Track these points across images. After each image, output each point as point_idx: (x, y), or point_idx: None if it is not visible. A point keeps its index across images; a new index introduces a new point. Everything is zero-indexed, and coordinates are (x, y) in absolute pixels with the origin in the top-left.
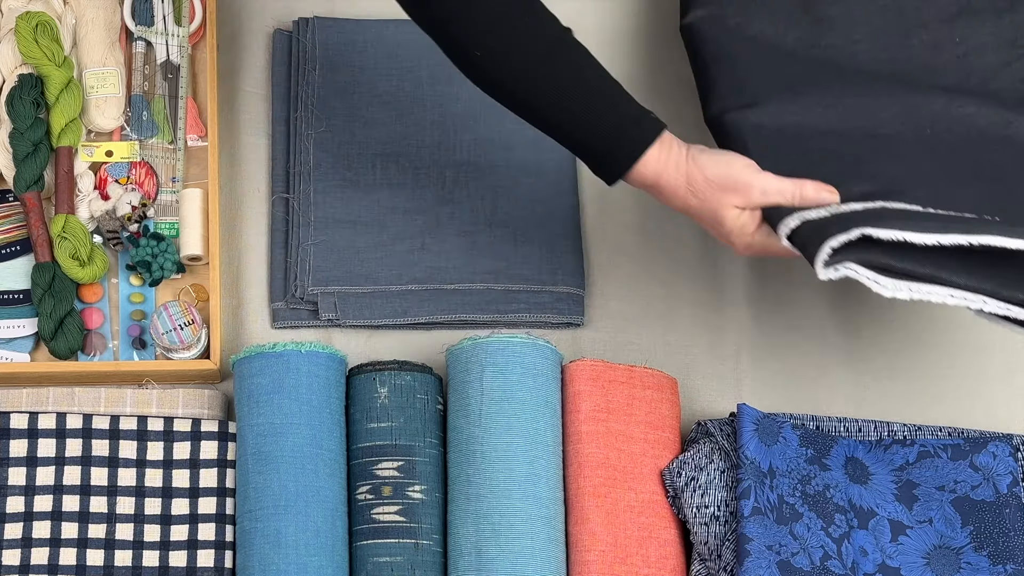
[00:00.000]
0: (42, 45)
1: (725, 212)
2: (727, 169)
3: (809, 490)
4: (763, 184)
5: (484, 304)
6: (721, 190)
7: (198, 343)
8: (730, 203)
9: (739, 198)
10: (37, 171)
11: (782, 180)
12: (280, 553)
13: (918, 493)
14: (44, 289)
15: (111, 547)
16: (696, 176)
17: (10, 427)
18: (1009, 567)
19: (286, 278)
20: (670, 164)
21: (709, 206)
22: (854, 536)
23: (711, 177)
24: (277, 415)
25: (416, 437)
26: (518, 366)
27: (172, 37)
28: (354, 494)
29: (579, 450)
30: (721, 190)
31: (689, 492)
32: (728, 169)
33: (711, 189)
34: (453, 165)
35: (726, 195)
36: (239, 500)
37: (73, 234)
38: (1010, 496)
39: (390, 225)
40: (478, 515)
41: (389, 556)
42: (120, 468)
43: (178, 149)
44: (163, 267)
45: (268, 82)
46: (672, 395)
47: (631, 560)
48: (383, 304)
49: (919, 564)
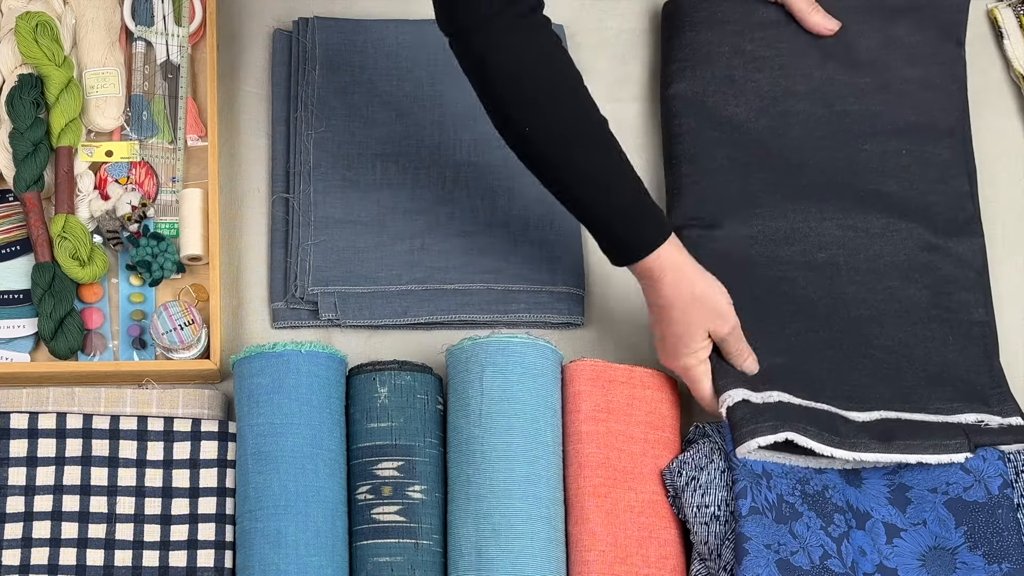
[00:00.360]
0: (42, 45)
1: (698, 332)
2: (714, 294)
3: (809, 490)
4: (736, 321)
5: (484, 304)
6: (703, 309)
7: (198, 343)
8: (707, 326)
9: (716, 324)
10: (37, 171)
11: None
12: (280, 553)
13: (911, 496)
14: (44, 289)
15: (111, 547)
16: (684, 288)
17: (10, 427)
18: (1004, 566)
19: (286, 278)
20: (675, 263)
21: (687, 318)
22: (853, 536)
23: (698, 294)
24: (277, 415)
25: (416, 437)
26: (518, 366)
27: (172, 37)
28: (354, 494)
29: (579, 450)
30: (703, 309)
31: (689, 492)
32: (715, 293)
33: (695, 304)
34: (453, 165)
35: (707, 316)
36: (239, 500)
37: (73, 234)
38: (1002, 497)
39: (390, 225)
40: (478, 515)
41: (389, 556)
42: (120, 468)
43: (178, 149)
44: (163, 267)
45: (268, 82)
46: (672, 395)
47: (631, 560)
48: (383, 304)
49: (915, 565)
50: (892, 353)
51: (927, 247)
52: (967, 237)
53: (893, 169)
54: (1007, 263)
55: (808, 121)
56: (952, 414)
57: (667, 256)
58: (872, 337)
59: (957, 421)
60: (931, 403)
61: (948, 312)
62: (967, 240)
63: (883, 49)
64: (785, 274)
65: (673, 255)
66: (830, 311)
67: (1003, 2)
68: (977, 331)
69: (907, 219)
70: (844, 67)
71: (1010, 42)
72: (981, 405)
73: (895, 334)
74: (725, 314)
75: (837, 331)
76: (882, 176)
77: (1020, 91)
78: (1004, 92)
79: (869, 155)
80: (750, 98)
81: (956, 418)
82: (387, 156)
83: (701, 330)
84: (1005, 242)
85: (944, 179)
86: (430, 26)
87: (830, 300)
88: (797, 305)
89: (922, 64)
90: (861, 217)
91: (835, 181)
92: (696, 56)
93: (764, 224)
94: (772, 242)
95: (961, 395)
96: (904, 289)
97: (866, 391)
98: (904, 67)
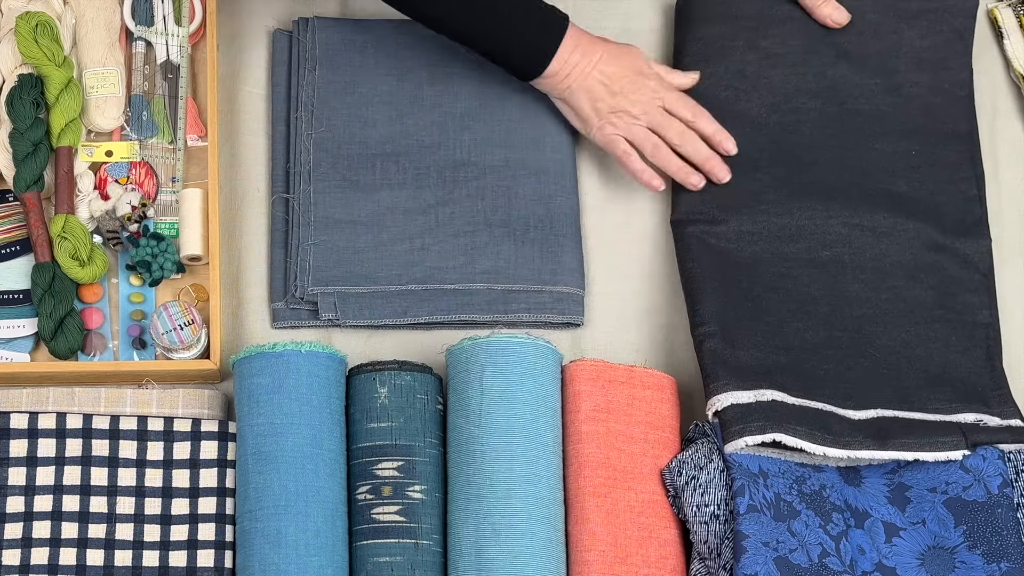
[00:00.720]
0: (42, 45)
1: (621, 91)
2: (628, 49)
3: (806, 489)
4: (658, 74)
5: (484, 304)
6: (619, 62)
7: (198, 343)
8: (628, 83)
9: (636, 79)
10: (37, 171)
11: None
12: (280, 553)
13: (910, 495)
14: (44, 289)
15: (111, 547)
16: (596, 52)
17: (10, 427)
18: (1003, 565)
19: (286, 278)
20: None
21: (625, 62)
22: (852, 535)
23: (614, 51)
24: (277, 415)
25: (416, 437)
26: (518, 366)
27: (172, 37)
28: (354, 494)
29: (579, 450)
30: (619, 62)
31: (689, 491)
32: (629, 49)
33: (611, 60)
34: (453, 165)
35: (629, 65)
36: (239, 500)
37: (73, 234)
38: (1001, 496)
39: (390, 225)
40: (478, 515)
41: (389, 556)
42: (120, 468)
43: (178, 149)
44: (163, 267)
45: (268, 82)
46: (672, 395)
47: (631, 560)
48: (383, 304)
49: (914, 564)
50: (893, 353)
51: (934, 247)
52: (975, 239)
53: (903, 169)
54: (1010, 265)
55: (819, 119)
56: (951, 414)
57: (572, 39)
58: (873, 336)
59: (955, 420)
60: (930, 403)
61: (952, 313)
62: (974, 242)
63: (893, 52)
64: (788, 271)
65: (569, 50)
66: (832, 309)
67: (1003, 2)
68: (980, 333)
69: (915, 219)
70: (855, 68)
71: (1010, 42)
72: (981, 406)
73: (897, 334)
74: (643, 69)
75: (838, 330)
76: (891, 176)
77: (1020, 91)
78: (1004, 92)
79: (879, 154)
80: (762, 94)
81: (954, 418)
82: (387, 156)
83: (622, 91)
84: (1008, 244)
85: (953, 181)
86: None
87: (832, 298)
88: (798, 303)
89: (931, 69)
90: (868, 216)
91: (844, 179)
92: (709, 50)
93: (769, 220)
94: (777, 239)
95: (960, 396)
96: (909, 289)
97: (865, 390)
98: (913, 71)
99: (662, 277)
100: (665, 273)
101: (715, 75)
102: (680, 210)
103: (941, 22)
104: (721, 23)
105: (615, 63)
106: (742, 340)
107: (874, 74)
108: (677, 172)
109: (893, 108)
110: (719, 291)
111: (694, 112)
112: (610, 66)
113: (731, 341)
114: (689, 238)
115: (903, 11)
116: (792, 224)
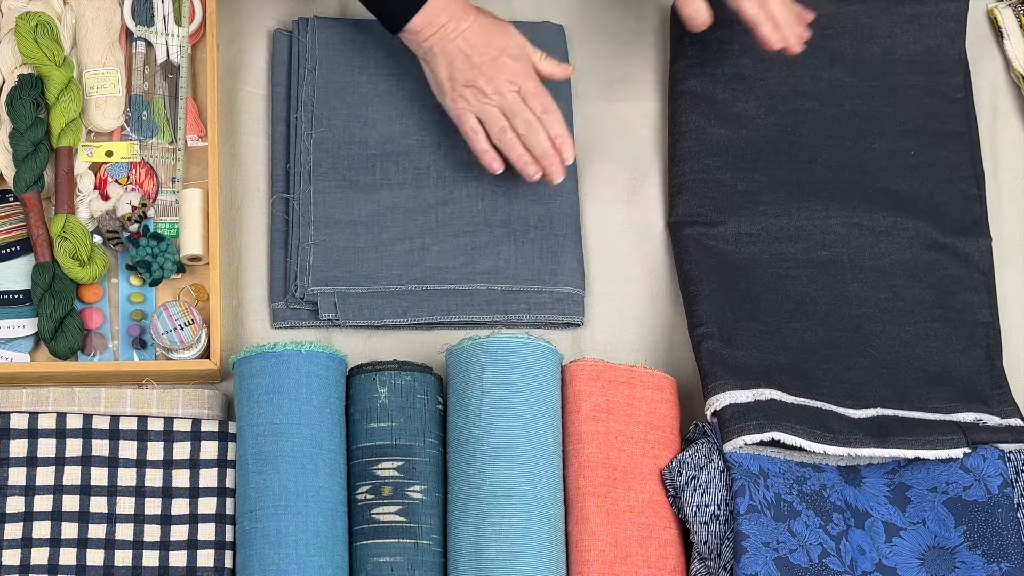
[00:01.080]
0: (42, 45)
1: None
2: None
3: (806, 489)
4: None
5: (484, 304)
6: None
7: (198, 343)
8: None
9: (506, 61)
10: (37, 171)
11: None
12: (280, 553)
13: (911, 495)
14: (44, 289)
15: (111, 547)
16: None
17: (10, 427)
18: (1003, 565)
19: (286, 278)
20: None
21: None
22: (852, 535)
23: (486, 24)
24: (277, 415)
25: (416, 437)
26: (518, 366)
27: (172, 37)
28: (354, 494)
29: (579, 450)
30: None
31: (689, 491)
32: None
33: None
34: (453, 165)
35: (501, 46)
36: (239, 500)
37: (73, 234)
38: (1001, 496)
39: (390, 225)
40: (478, 515)
41: (389, 556)
42: (120, 468)
43: (178, 149)
44: (163, 267)
45: (268, 82)
46: (672, 395)
47: (631, 560)
48: (383, 304)
49: (914, 564)
50: (892, 352)
51: (934, 246)
52: (974, 238)
53: (901, 168)
54: (1010, 264)
55: (817, 120)
56: (950, 413)
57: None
58: (873, 336)
59: (955, 419)
60: (929, 402)
61: (952, 312)
62: (974, 240)
63: (888, 55)
64: (787, 272)
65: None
66: (831, 309)
67: (1003, 2)
68: (980, 332)
69: (914, 217)
70: (852, 70)
71: (1010, 42)
72: (980, 405)
73: (896, 333)
74: (515, 53)
75: (837, 329)
76: (890, 175)
77: (1020, 91)
78: (1004, 92)
79: (878, 154)
80: (760, 95)
81: (954, 417)
82: (387, 156)
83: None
84: (1008, 243)
85: (952, 180)
86: None
87: (831, 298)
88: (797, 303)
89: (926, 72)
90: (867, 215)
91: (842, 179)
92: (706, 53)
93: (768, 221)
94: (775, 240)
95: (960, 395)
96: (908, 288)
97: (864, 390)
98: (909, 73)
99: (662, 277)
100: (665, 273)
101: (713, 77)
102: (677, 212)
103: (934, 26)
104: (716, 27)
105: (483, 36)
106: (740, 340)
107: (871, 76)
108: (516, 160)
109: (891, 108)
110: (717, 292)
111: (546, 107)
112: (477, 37)
113: (729, 341)
114: (687, 240)
115: (896, 15)
116: (791, 224)
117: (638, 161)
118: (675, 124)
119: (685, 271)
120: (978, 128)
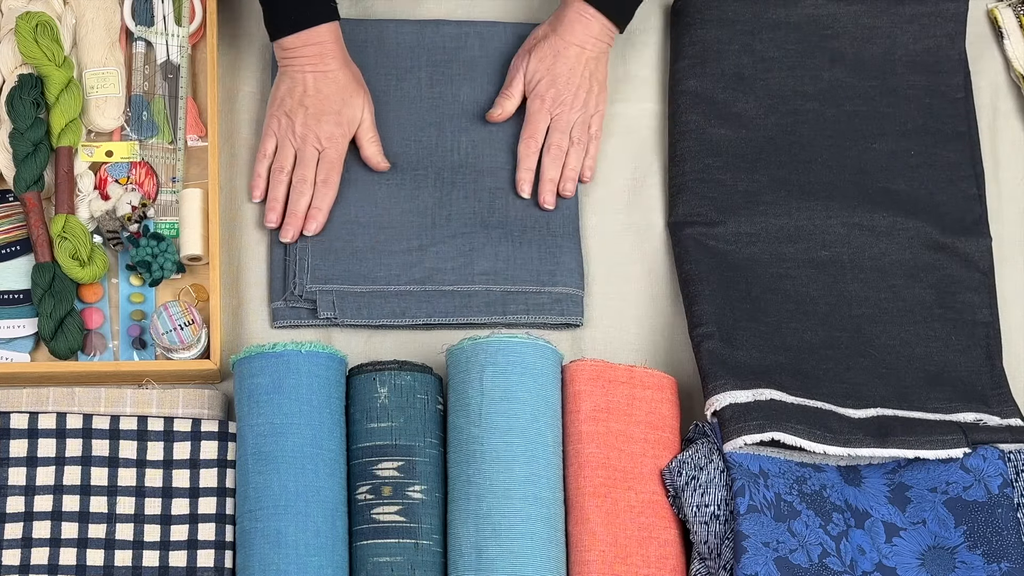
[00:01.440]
0: (42, 45)
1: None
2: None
3: (806, 489)
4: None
5: (483, 306)
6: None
7: (198, 343)
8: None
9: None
10: (37, 171)
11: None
12: (280, 553)
13: (911, 495)
14: (44, 289)
15: (111, 547)
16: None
17: (10, 427)
18: (1003, 565)
19: (285, 277)
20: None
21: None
22: (852, 535)
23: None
24: (277, 415)
25: (416, 437)
26: (518, 366)
27: (172, 37)
28: (354, 494)
29: (579, 450)
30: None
31: (689, 491)
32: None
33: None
34: (452, 166)
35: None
36: (239, 500)
37: (73, 234)
38: (1001, 496)
39: (388, 226)
40: (478, 515)
41: (389, 556)
42: (120, 468)
43: (178, 149)
44: (163, 267)
45: (268, 82)
46: (672, 395)
47: (631, 560)
48: (382, 304)
49: (914, 564)
50: (892, 352)
51: (934, 246)
52: (975, 237)
53: (902, 169)
54: (1010, 264)
55: (818, 120)
56: (950, 413)
57: (320, 36)
58: (873, 336)
59: (955, 419)
60: (929, 402)
61: (952, 312)
62: (974, 241)
63: (889, 55)
64: (787, 272)
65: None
66: (831, 309)
67: (1003, 2)
68: (980, 332)
69: (915, 218)
70: (852, 71)
71: (1010, 42)
72: (980, 405)
73: (896, 333)
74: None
75: (837, 329)
76: (891, 175)
77: (1020, 91)
78: (1004, 92)
79: (878, 154)
80: (760, 95)
81: (954, 417)
82: (386, 156)
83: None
84: (1008, 243)
85: (952, 180)
86: (430, 26)
87: (831, 298)
88: (797, 303)
89: (926, 72)
90: (867, 215)
91: (843, 179)
92: (706, 53)
93: (768, 221)
94: (775, 240)
95: (960, 395)
96: (908, 288)
97: (864, 390)
98: (909, 73)
99: (662, 277)
100: (665, 273)
101: (713, 77)
102: (678, 212)
103: (934, 26)
104: (716, 27)
105: (331, 88)
106: (740, 340)
107: (871, 76)
108: (268, 203)
109: (891, 109)
110: (717, 292)
111: (327, 180)
112: (326, 86)
113: (729, 341)
114: (687, 240)
115: (896, 16)
116: (791, 224)
117: (638, 161)
118: (675, 124)
119: (685, 271)
120: (978, 128)
